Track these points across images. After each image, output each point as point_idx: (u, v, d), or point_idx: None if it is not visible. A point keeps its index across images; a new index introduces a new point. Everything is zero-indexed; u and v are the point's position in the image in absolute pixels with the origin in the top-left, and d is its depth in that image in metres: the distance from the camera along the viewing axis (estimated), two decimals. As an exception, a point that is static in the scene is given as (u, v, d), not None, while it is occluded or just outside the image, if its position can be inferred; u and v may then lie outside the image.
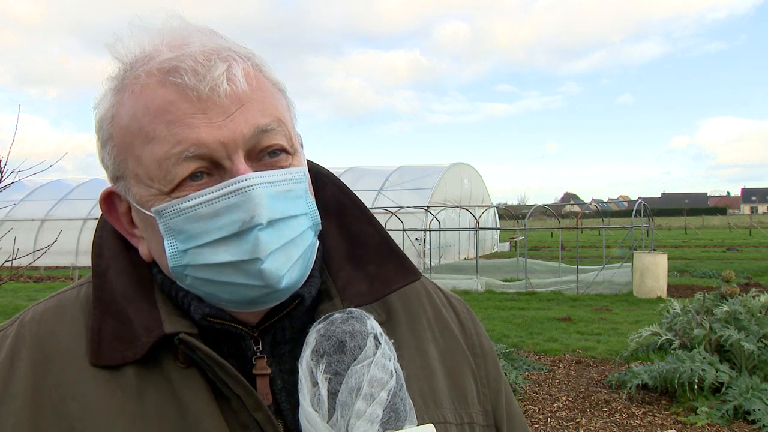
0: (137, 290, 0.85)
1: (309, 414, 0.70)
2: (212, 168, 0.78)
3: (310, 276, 0.87)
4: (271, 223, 0.77)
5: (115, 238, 0.89)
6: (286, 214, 0.79)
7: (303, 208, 0.82)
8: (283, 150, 0.82)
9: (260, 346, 0.85)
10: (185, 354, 0.80)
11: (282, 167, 0.81)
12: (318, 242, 0.88)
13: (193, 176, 0.77)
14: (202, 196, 0.76)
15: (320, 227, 0.87)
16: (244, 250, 0.76)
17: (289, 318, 0.86)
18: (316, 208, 0.85)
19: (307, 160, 0.91)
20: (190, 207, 0.77)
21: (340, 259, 0.92)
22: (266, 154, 0.80)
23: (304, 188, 0.83)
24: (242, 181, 0.76)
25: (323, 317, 0.76)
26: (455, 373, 0.95)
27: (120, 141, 0.81)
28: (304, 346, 0.74)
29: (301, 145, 0.89)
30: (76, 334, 0.84)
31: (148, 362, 0.81)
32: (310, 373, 0.71)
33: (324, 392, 0.70)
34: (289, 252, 0.79)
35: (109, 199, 0.87)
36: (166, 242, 0.79)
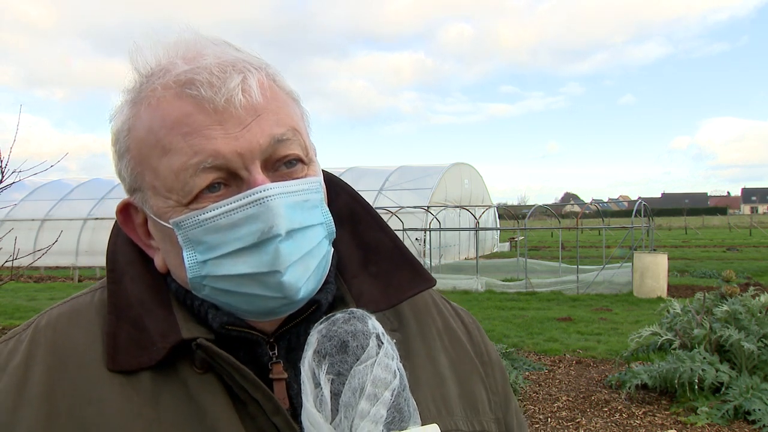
0: (153, 296, 0.85)
1: (312, 415, 0.69)
2: (229, 179, 0.78)
3: (326, 282, 0.88)
4: (290, 233, 0.77)
5: (130, 245, 0.90)
6: (303, 224, 0.80)
7: (319, 217, 0.83)
8: (299, 160, 0.82)
9: (276, 351, 0.85)
10: (202, 359, 0.80)
11: (298, 177, 0.81)
12: (333, 250, 0.88)
13: (211, 187, 0.78)
14: (221, 207, 0.77)
15: (335, 236, 0.87)
16: (264, 262, 0.77)
17: (305, 324, 0.86)
18: (330, 217, 0.86)
19: (321, 169, 0.91)
20: (209, 218, 0.77)
21: (355, 266, 0.93)
22: (282, 164, 0.81)
23: (320, 198, 0.84)
24: (260, 191, 0.76)
25: (325, 317, 0.76)
26: (466, 382, 0.96)
27: (137, 153, 0.82)
28: (306, 346, 0.74)
29: (315, 155, 0.89)
30: (92, 338, 0.84)
31: (164, 368, 0.81)
32: (312, 374, 0.71)
33: (327, 393, 0.69)
34: (307, 263, 0.80)
35: (125, 211, 0.88)
36: (185, 253, 0.80)
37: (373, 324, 0.75)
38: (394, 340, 0.76)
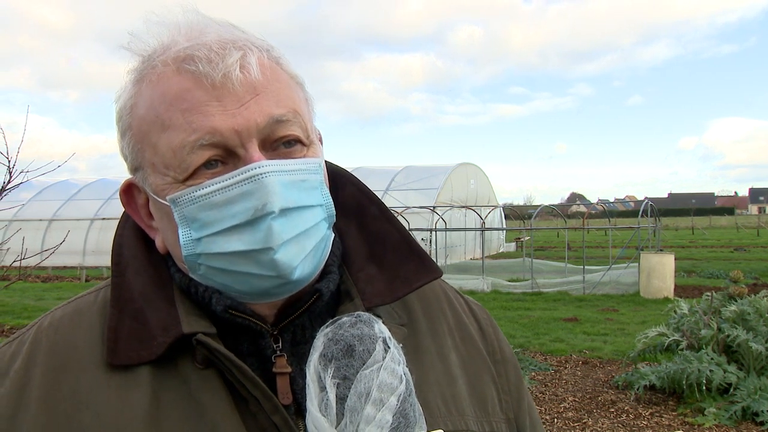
0: (156, 289, 0.85)
1: (317, 419, 0.69)
2: (226, 156, 0.78)
3: (328, 272, 0.87)
4: (284, 212, 0.77)
5: (136, 237, 0.89)
6: (299, 203, 0.79)
7: (317, 199, 0.82)
8: (298, 141, 0.82)
9: (280, 344, 0.84)
10: (203, 355, 0.80)
11: (296, 158, 0.81)
12: (333, 235, 0.88)
13: (208, 164, 0.78)
14: (216, 183, 0.77)
15: (335, 220, 0.87)
16: (257, 239, 0.77)
17: (309, 316, 0.85)
18: (331, 200, 0.85)
19: (326, 160, 0.90)
20: (204, 195, 0.77)
21: (361, 259, 0.91)
22: (281, 144, 0.80)
23: (319, 180, 0.83)
24: (255, 168, 0.76)
25: (331, 321, 0.75)
26: (476, 381, 0.94)
27: (138, 130, 0.82)
28: (312, 350, 0.73)
29: (320, 141, 0.89)
30: (93, 340, 0.83)
31: (164, 362, 0.80)
32: (318, 378, 0.70)
33: (332, 397, 0.69)
34: (302, 243, 0.79)
35: (128, 191, 0.88)
36: (180, 231, 0.80)
37: (380, 328, 0.74)
38: (401, 345, 0.75)
